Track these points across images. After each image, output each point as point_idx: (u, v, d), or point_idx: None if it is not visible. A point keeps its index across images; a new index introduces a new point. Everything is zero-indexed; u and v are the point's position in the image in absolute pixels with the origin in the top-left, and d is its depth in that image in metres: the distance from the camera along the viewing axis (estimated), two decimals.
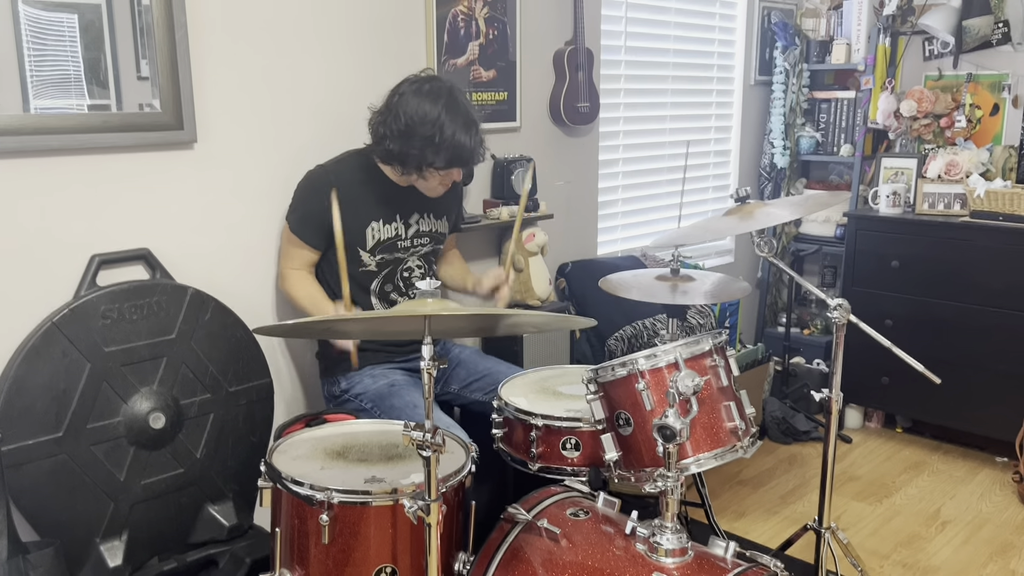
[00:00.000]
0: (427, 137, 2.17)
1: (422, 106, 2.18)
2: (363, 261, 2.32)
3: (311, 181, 2.30)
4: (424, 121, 2.16)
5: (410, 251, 2.40)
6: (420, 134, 2.17)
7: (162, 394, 2.11)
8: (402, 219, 2.37)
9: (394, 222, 2.35)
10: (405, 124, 2.18)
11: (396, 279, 2.39)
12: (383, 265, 2.36)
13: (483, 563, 1.78)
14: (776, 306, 4.40)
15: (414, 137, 2.18)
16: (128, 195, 2.16)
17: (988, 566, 2.75)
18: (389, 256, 2.36)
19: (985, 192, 3.36)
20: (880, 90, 3.81)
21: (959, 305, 3.43)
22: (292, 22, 2.41)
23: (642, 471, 1.90)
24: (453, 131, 2.17)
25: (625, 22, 3.51)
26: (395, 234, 2.36)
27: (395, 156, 2.23)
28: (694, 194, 4.06)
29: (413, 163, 2.22)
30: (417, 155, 2.20)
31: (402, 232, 2.37)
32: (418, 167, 2.23)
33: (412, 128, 2.17)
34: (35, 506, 1.94)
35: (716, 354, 1.97)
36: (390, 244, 2.35)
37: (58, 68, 2.00)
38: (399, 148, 2.20)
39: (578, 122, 3.25)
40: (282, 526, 1.76)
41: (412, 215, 2.39)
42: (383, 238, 2.34)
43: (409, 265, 2.40)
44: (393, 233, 2.35)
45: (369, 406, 2.29)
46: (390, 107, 2.23)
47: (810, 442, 3.70)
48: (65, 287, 2.07)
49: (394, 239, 2.36)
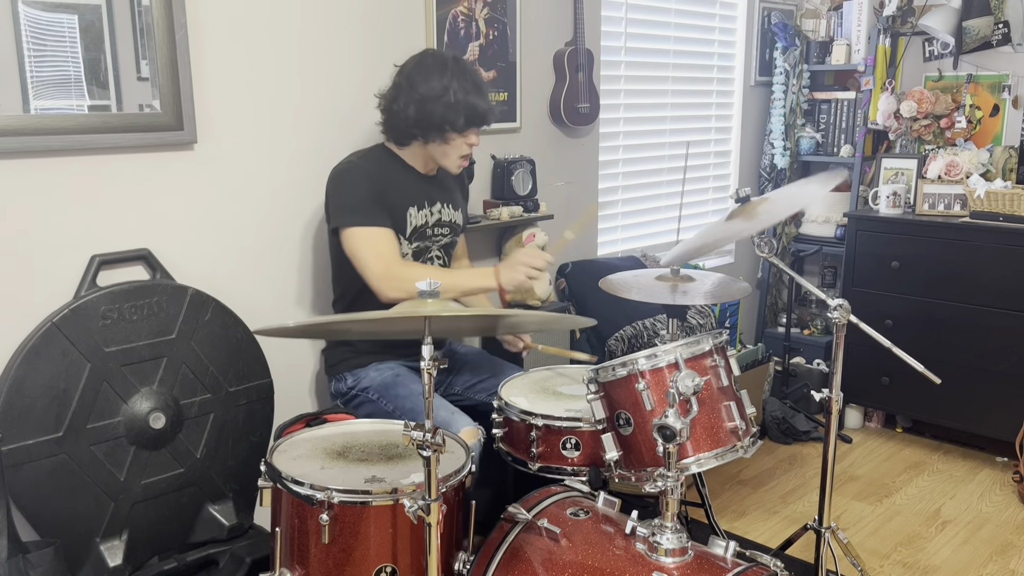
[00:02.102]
0: (442, 100, 2.20)
1: (431, 74, 2.22)
2: (401, 251, 2.31)
3: (347, 173, 2.27)
4: (437, 86, 2.21)
5: (433, 239, 2.41)
6: (435, 98, 2.20)
7: (162, 394, 2.11)
8: (429, 206, 2.38)
9: (424, 208, 2.36)
10: (420, 94, 2.21)
11: None
12: (417, 254, 2.36)
13: (483, 563, 1.78)
14: (776, 306, 4.40)
15: (429, 102, 2.20)
16: (128, 195, 2.16)
17: (988, 566, 2.75)
18: (421, 244, 2.37)
19: (985, 193, 3.36)
20: (880, 91, 3.81)
21: (959, 305, 3.43)
22: (292, 23, 2.41)
23: (642, 471, 1.90)
24: (466, 91, 2.22)
25: (625, 22, 3.51)
26: (425, 221, 2.37)
27: (416, 127, 2.24)
28: (694, 195, 4.07)
29: (435, 129, 2.24)
30: (438, 119, 2.22)
31: (429, 219, 2.38)
32: (440, 131, 2.24)
33: (426, 96, 2.21)
34: (35, 506, 1.94)
35: (716, 354, 1.97)
36: (422, 231, 2.36)
37: (58, 69, 2.00)
38: (417, 117, 2.22)
39: (578, 123, 3.25)
40: (282, 526, 1.76)
41: (436, 203, 2.40)
42: (418, 224, 2.34)
43: (432, 255, 2.41)
44: (423, 220, 2.36)
45: (375, 397, 2.30)
46: (399, 84, 2.25)
47: (810, 442, 3.70)
48: (65, 287, 2.07)
49: (424, 226, 2.37)
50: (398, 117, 2.25)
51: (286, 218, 2.48)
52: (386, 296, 2.18)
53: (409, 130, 2.26)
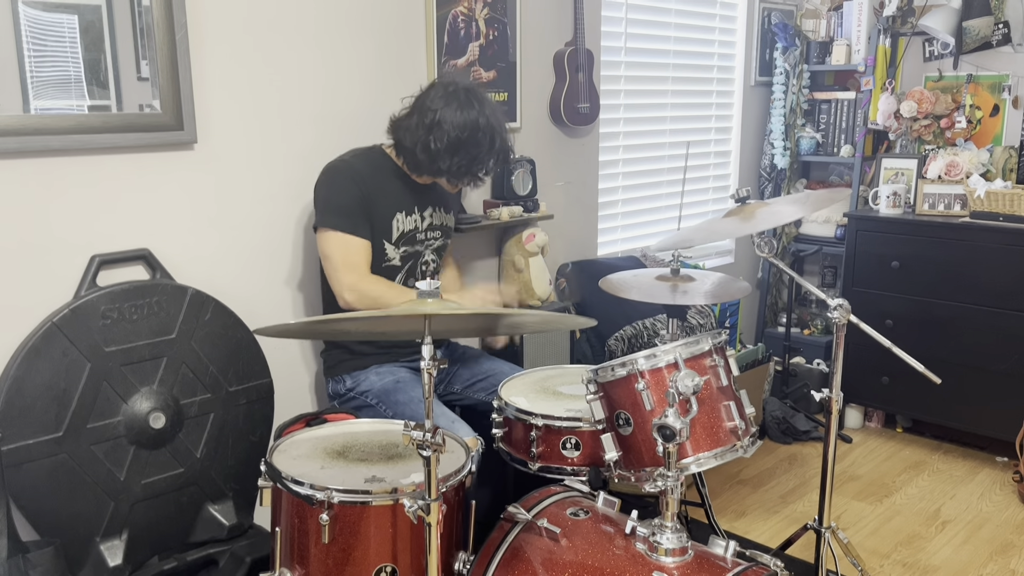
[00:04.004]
0: (479, 145, 2.21)
1: (466, 114, 2.20)
2: (387, 256, 2.32)
3: (336, 173, 2.26)
4: (475, 131, 2.20)
5: (426, 244, 2.41)
6: (472, 143, 2.20)
7: (162, 394, 2.11)
8: (419, 211, 2.38)
9: (413, 213, 2.36)
10: (456, 137, 2.19)
11: (417, 273, 2.40)
12: (406, 258, 2.36)
13: (483, 563, 1.78)
14: (776, 306, 4.40)
15: (464, 147, 2.20)
16: (128, 195, 2.17)
17: (988, 566, 2.75)
18: (411, 249, 2.37)
19: (985, 192, 3.36)
20: (880, 91, 3.81)
21: (959, 305, 3.43)
22: (292, 23, 2.42)
23: (642, 471, 1.90)
24: (503, 135, 2.25)
25: (625, 22, 3.51)
26: (414, 226, 2.37)
27: (447, 175, 2.26)
28: (694, 195, 4.07)
29: (465, 173, 2.25)
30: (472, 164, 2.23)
31: (419, 224, 2.38)
32: (472, 177, 2.27)
33: (462, 140, 2.20)
34: (35, 506, 1.94)
35: (716, 354, 1.97)
36: (411, 236, 2.36)
37: (58, 69, 2.01)
38: (448, 166, 2.22)
39: (578, 123, 3.25)
40: (282, 525, 1.76)
41: (427, 208, 2.40)
42: (406, 229, 2.34)
43: (426, 259, 2.42)
44: (413, 225, 2.36)
45: (374, 402, 2.30)
46: (426, 124, 2.21)
47: (810, 442, 3.70)
48: (65, 287, 2.07)
49: (413, 231, 2.37)
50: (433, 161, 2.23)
51: (286, 218, 2.49)
52: (344, 303, 2.23)
53: (443, 173, 2.27)
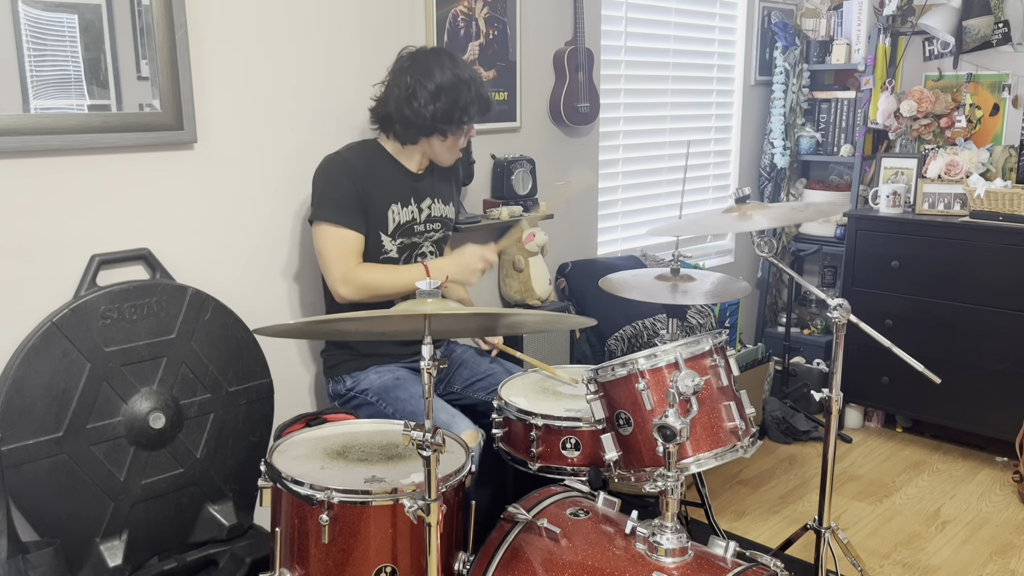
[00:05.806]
0: (462, 92, 2.24)
1: (439, 69, 2.24)
2: (384, 248, 2.32)
3: (332, 167, 2.28)
4: (452, 79, 2.23)
5: (424, 235, 2.41)
6: (455, 91, 2.23)
7: (162, 394, 2.11)
8: (416, 202, 2.38)
9: (410, 205, 2.36)
10: (439, 89, 2.22)
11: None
12: (403, 250, 2.36)
13: (483, 563, 1.78)
14: (776, 306, 4.40)
15: (450, 97, 2.23)
16: (128, 195, 2.16)
17: (988, 566, 2.75)
18: (407, 240, 2.36)
19: (985, 192, 3.36)
20: (880, 90, 3.81)
21: (959, 305, 3.43)
22: (292, 22, 2.41)
23: (642, 471, 1.90)
24: (479, 83, 2.29)
25: (625, 22, 3.51)
26: (412, 217, 2.36)
27: (440, 122, 2.26)
28: (694, 194, 4.06)
29: (455, 122, 2.27)
30: (459, 113, 2.25)
31: (417, 216, 2.38)
32: (460, 124, 2.28)
33: (446, 90, 2.23)
34: (35, 506, 1.94)
35: (716, 354, 1.97)
36: (408, 227, 2.36)
37: (58, 68, 2.00)
38: (441, 112, 2.24)
39: (578, 122, 3.25)
40: (282, 526, 1.76)
41: (425, 199, 2.40)
42: (402, 221, 2.34)
43: (423, 251, 2.41)
44: (410, 216, 2.36)
45: (375, 399, 2.30)
46: (410, 84, 2.24)
47: (810, 442, 3.70)
48: (65, 287, 2.07)
49: (411, 222, 2.36)
50: (419, 115, 2.24)
51: (286, 217, 2.48)
52: (340, 297, 2.24)
53: (433, 126, 2.27)
